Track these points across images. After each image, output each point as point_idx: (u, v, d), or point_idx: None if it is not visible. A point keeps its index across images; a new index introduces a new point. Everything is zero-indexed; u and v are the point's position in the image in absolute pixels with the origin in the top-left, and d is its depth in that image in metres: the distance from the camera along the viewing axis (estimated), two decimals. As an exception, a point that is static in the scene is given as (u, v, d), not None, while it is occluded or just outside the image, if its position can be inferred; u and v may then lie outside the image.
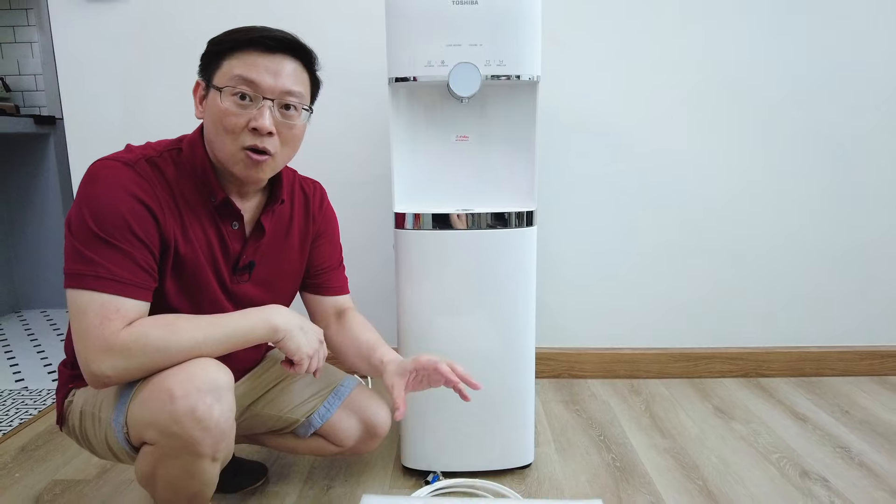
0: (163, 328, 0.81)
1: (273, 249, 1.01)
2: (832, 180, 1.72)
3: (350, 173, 1.70)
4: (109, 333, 0.78)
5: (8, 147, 2.52)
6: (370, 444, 1.17)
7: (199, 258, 0.90)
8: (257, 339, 0.88)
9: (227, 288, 0.96)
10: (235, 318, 0.87)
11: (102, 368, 0.78)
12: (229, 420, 0.84)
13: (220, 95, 0.85)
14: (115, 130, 1.69)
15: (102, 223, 0.79)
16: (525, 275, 1.20)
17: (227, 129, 0.85)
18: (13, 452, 1.38)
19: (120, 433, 0.86)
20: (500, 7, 1.11)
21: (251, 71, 0.84)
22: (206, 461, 0.84)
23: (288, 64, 0.87)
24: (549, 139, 1.67)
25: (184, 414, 0.78)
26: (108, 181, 0.82)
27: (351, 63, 1.63)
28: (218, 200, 0.91)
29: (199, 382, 0.79)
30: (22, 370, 1.94)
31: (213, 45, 0.88)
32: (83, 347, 0.79)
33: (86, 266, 0.79)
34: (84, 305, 0.78)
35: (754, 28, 1.63)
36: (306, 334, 0.91)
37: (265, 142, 0.86)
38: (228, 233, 0.94)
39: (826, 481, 1.24)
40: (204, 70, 0.89)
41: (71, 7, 1.63)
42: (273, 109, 0.86)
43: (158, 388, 0.80)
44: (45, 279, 2.65)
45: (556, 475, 1.28)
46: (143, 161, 0.86)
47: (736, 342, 1.81)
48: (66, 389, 0.97)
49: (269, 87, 0.85)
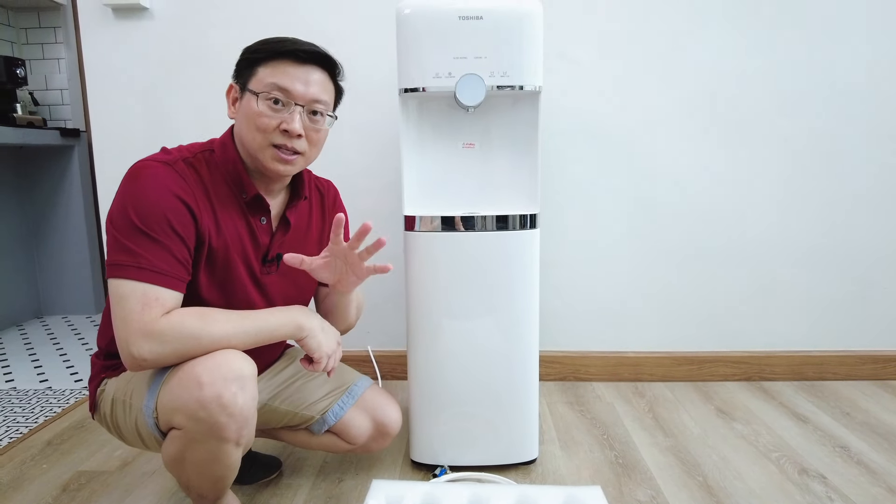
0: (198, 318, 0.87)
1: (296, 242, 1.08)
2: (833, 186, 1.76)
3: (359, 180, 1.76)
4: (150, 319, 0.84)
5: (35, 158, 2.63)
6: (381, 442, 1.23)
7: (230, 252, 0.97)
8: (283, 335, 0.95)
9: (256, 279, 1.02)
10: (264, 315, 0.94)
11: (141, 351, 0.84)
12: (252, 408, 0.89)
13: (256, 99, 0.93)
14: (139, 141, 1.77)
15: (144, 218, 0.86)
16: (528, 275, 1.25)
17: (259, 128, 0.94)
18: (40, 446, 1.45)
19: (150, 418, 0.92)
20: (504, 22, 1.17)
21: (285, 79, 0.93)
22: (230, 445, 0.89)
23: (317, 74, 0.97)
24: (554, 147, 1.73)
25: (210, 400, 0.84)
26: (149, 179, 0.88)
27: (361, 76, 1.70)
28: (249, 196, 0.98)
29: (225, 371, 0.85)
30: (46, 371, 2.02)
31: (249, 53, 0.97)
32: (124, 331, 0.85)
33: (128, 257, 0.85)
34: (126, 293, 0.85)
35: (750, 40, 1.69)
36: (326, 335, 0.98)
37: (294, 142, 0.95)
38: (258, 227, 1.01)
39: (824, 478, 1.27)
40: (238, 75, 0.98)
41: (100, 23, 1.73)
42: (303, 115, 0.95)
43: (187, 376, 0.86)
44: (67, 286, 2.74)
45: (559, 470, 1.32)
46: (180, 161, 0.93)
47: (739, 346, 1.84)
48: (98, 379, 1.03)
49: (300, 95, 0.94)
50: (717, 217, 1.78)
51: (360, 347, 1.84)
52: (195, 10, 1.72)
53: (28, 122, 2.45)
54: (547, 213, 1.75)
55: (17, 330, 2.53)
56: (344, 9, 1.70)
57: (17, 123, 2.38)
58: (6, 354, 2.21)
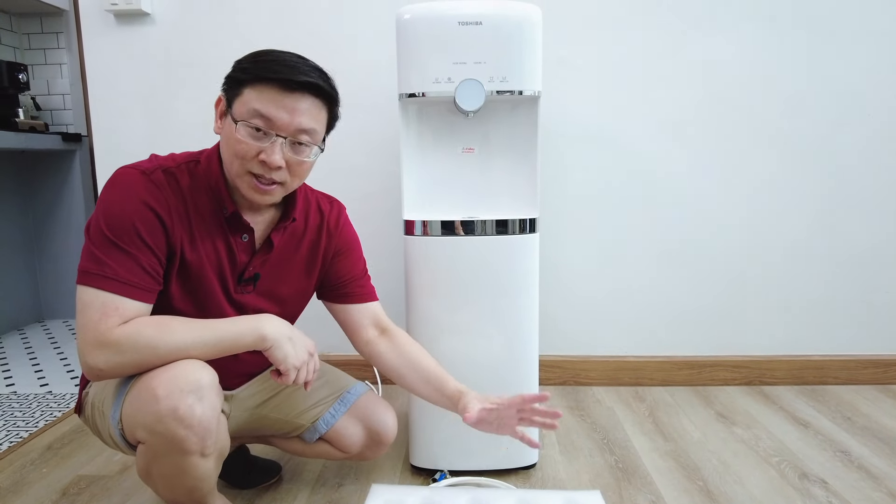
0: (155, 328, 0.85)
1: (281, 264, 1.04)
2: (833, 190, 1.76)
3: (358, 184, 1.76)
4: (105, 329, 0.82)
5: (37, 163, 2.64)
6: (376, 450, 1.20)
7: (204, 265, 0.94)
8: (246, 345, 0.89)
9: (230, 296, 0.99)
10: (227, 324, 0.90)
11: (97, 362, 0.83)
12: (211, 418, 0.86)
13: (236, 126, 0.88)
14: (140, 146, 1.78)
15: (113, 227, 0.85)
16: (528, 279, 1.26)
17: (237, 155, 0.89)
18: (40, 450, 1.45)
19: (116, 430, 0.91)
20: (504, 27, 1.18)
21: (269, 107, 0.86)
22: (194, 457, 0.87)
23: (306, 102, 0.89)
24: (554, 152, 1.73)
25: (166, 413, 0.82)
26: (121, 188, 0.87)
27: (360, 81, 1.71)
28: (228, 213, 0.95)
29: (181, 383, 0.83)
30: (46, 375, 2.02)
31: (238, 69, 0.90)
32: (81, 340, 0.84)
33: (95, 265, 0.84)
34: (88, 301, 0.84)
35: (752, 45, 1.70)
36: (295, 345, 0.92)
37: (273, 174, 0.90)
38: (237, 244, 0.98)
39: (825, 483, 1.27)
40: (227, 90, 0.91)
41: (102, 29, 1.74)
42: (284, 146, 0.89)
43: (145, 388, 0.84)
44: (68, 290, 2.74)
45: (559, 475, 1.32)
46: (158, 170, 0.91)
47: (739, 351, 1.84)
48: (85, 381, 1.03)
49: (284, 125, 0.88)
50: (718, 222, 1.78)
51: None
52: (197, 15, 1.73)
53: (30, 126, 2.46)
54: (547, 217, 1.75)
55: (19, 334, 2.54)
56: (344, 14, 1.71)
57: (19, 128, 2.39)
58: (7, 358, 2.22)
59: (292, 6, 1.71)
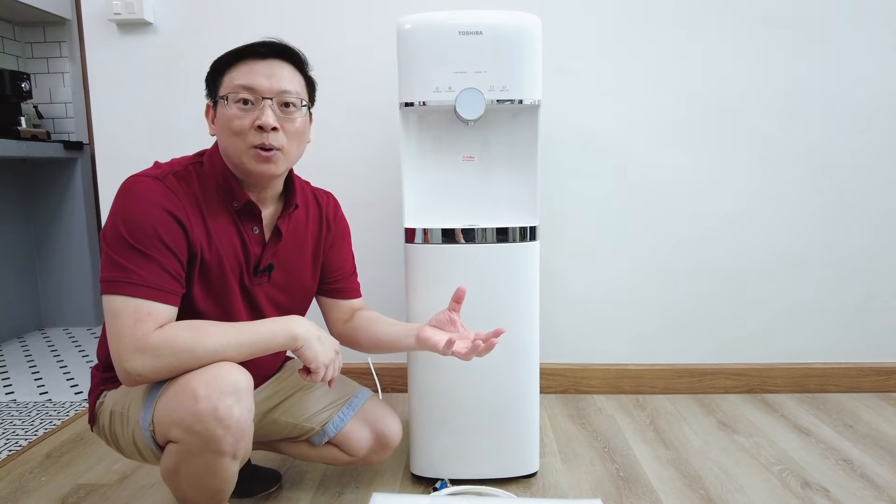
0: (191, 331, 0.88)
1: (289, 253, 1.08)
2: (830, 198, 1.76)
3: (359, 192, 1.76)
4: (142, 334, 0.84)
5: (39, 171, 2.65)
6: (381, 454, 1.22)
7: (223, 262, 0.97)
8: (278, 346, 0.94)
9: (246, 289, 1.02)
10: (258, 325, 0.94)
11: (135, 366, 0.85)
12: (248, 420, 0.89)
13: (226, 103, 0.94)
14: (142, 154, 1.79)
15: (135, 233, 0.87)
16: (529, 287, 1.26)
17: (234, 132, 0.94)
18: (39, 459, 1.44)
19: (146, 431, 0.92)
20: (504, 37, 1.19)
21: (249, 77, 0.94)
22: (226, 458, 0.89)
23: (280, 67, 0.97)
24: (554, 160, 1.74)
25: (206, 413, 0.84)
26: (140, 195, 0.89)
27: (362, 90, 1.72)
28: (241, 204, 0.99)
29: (221, 384, 0.85)
30: (46, 384, 2.02)
31: (213, 66, 0.98)
32: (117, 347, 0.85)
33: (120, 273, 0.86)
34: (119, 309, 0.85)
35: (750, 52, 1.71)
36: (323, 344, 0.97)
37: (271, 138, 0.94)
38: (250, 237, 1.01)
39: (827, 491, 1.26)
40: (210, 90, 0.99)
41: (104, 38, 1.75)
42: (273, 107, 0.95)
43: (183, 389, 0.86)
44: (68, 298, 2.74)
45: (560, 484, 1.31)
46: (170, 175, 0.94)
47: (740, 358, 1.84)
48: (98, 391, 1.03)
49: (266, 89, 0.94)
50: (719, 230, 1.78)
51: (361, 360, 1.84)
52: (198, 25, 1.74)
53: (32, 135, 2.47)
54: (547, 225, 1.76)
55: (18, 342, 2.53)
56: (344, 24, 1.72)
57: (21, 136, 2.40)
58: (6, 367, 2.21)
59: (293, 15, 1.72)
